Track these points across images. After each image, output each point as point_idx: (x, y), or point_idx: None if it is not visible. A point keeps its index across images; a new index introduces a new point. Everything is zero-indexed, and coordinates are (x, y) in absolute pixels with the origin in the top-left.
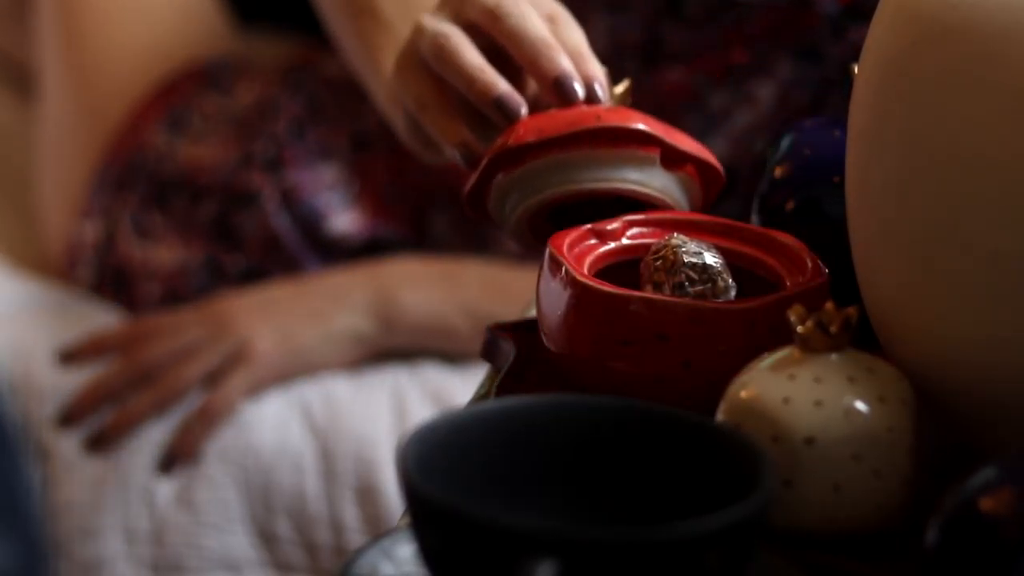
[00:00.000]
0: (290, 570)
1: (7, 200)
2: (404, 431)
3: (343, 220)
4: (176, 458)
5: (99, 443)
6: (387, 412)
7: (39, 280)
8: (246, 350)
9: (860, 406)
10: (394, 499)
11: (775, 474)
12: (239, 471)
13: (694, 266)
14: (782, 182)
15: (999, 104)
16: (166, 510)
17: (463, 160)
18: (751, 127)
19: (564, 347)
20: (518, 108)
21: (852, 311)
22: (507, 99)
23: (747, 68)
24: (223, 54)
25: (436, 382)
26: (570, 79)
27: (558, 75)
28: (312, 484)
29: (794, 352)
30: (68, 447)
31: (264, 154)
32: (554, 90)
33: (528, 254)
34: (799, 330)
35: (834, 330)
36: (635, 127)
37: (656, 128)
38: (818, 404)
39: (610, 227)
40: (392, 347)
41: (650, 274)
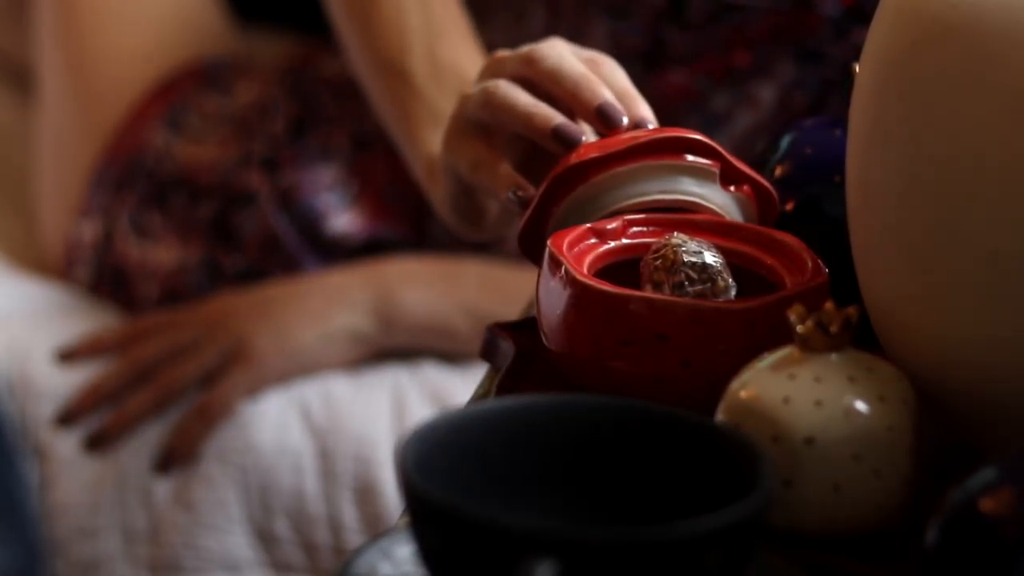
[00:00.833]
0: (289, 570)
1: (6, 200)
2: (403, 431)
3: (342, 220)
4: (174, 458)
5: (97, 443)
6: (386, 412)
7: (38, 280)
8: (245, 350)
9: (860, 406)
10: (393, 499)
11: (775, 474)
12: (238, 471)
13: (694, 265)
14: (782, 182)
15: (999, 104)
16: (164, 510)
17: (517, 203)
18: (752, 128)
19: (564, 347)
20: (578, 135)
21: (852, 311)
22: (566, 127)
23: (748, 70)
24: (222, 54)
25: (435, 382)
26: (613, 106)
27: (600, 104)
28: (311, 484)
29: (794, 352)
30: (66, 447)
31: (263, 154)
32: (598, 119)
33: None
34: (799, 330)
35: (834, 330)
36: (697, 137)
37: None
38: (818, 404)
39: (610, 227)
40: (391, 346)
41: (650, 273)
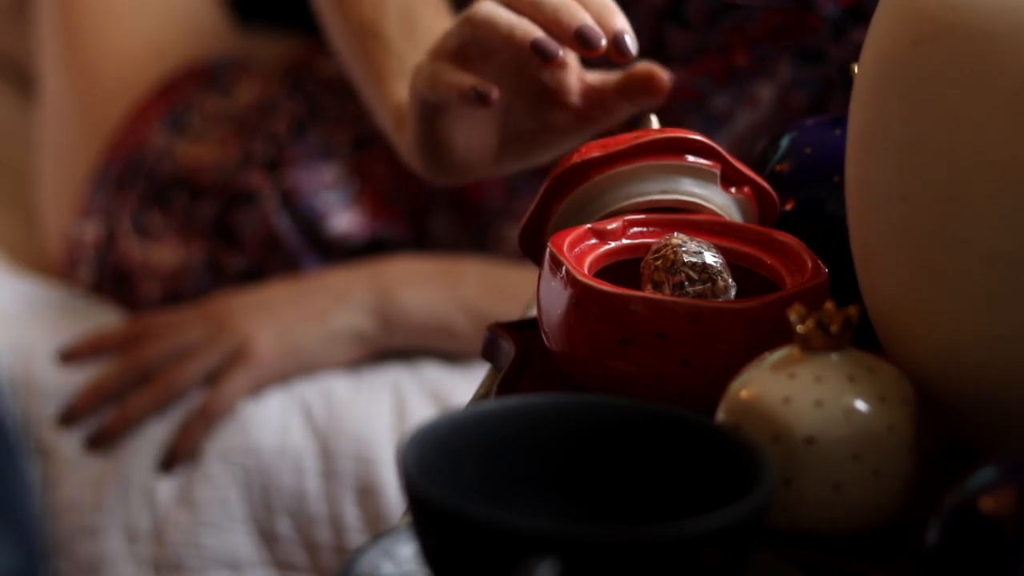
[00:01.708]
0: (291, 569)
1: (7, 199)
2: (404, 430)
3: (343, 220)
4: (176, 457)
5: (99, 442)
6: (387, 412)
7: (39, 279)
8: (246, 349)
9: (860, 405)
10: (394, 498)
11: (775, 473)
12: (240, 470)
13: (694, 265)
14: (782, 181)
15: (999, 104)
16: (167, 509)
17: (477, 98)
18: (752, 127)
19: (564, 346)
20: (555, 49)
21: (852, 310)
22: (544, 41)
23: (748, 69)
24: (223, 54)
25: (436, 381)
26: (591, 29)
27: (578, 27)
28: (312, 483)
29: (794, 351)
30: (68, 446)
31: (264, 154)
32: (577, 43)
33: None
34: (799, 329)
35: (834, 329)
36: (697, 138)
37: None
38: (818, 403)
39: (610, 227)
40: (392, 346)
41: (650, 273)
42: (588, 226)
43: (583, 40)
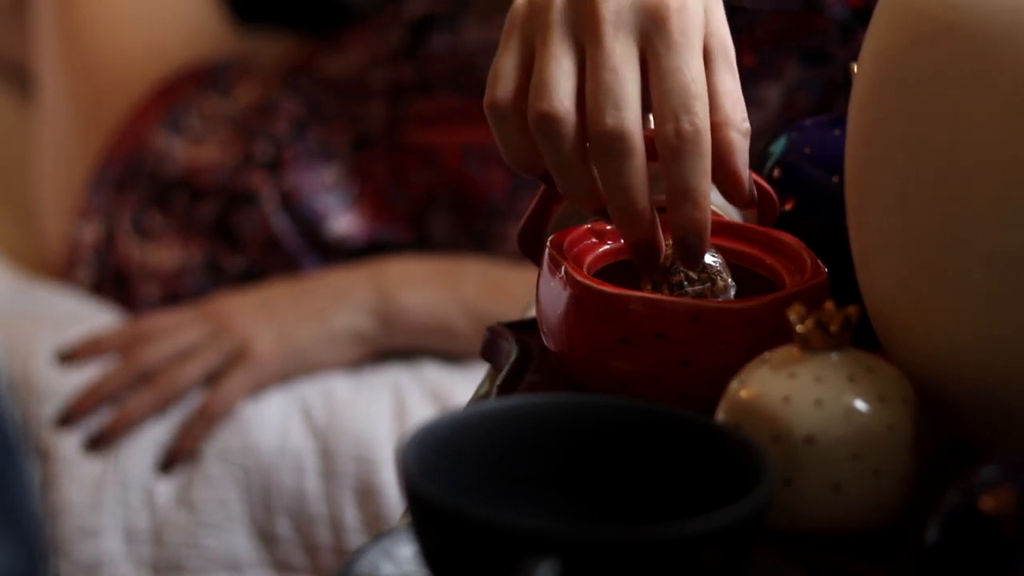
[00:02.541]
0: (290, 570)
1: (7, 200)
2: (404, 431)
3: (343, 221)
4: (176, 458)
5: (99, 443)
6: (387, 412)
7: (39, 280)
8: (246, 350)
9: (860, 405)
10: (394, 499)
11: (775, 473)
12: (239, 471)
13: None
14: (782, 181)
15: (999, 103)
16: (166, 510)
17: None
18: (757, 129)
19: (564, 346)
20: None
21: (852, 310)
22: (644, 246)
23: (755, 71)
24: (223, 55)
25: (436, 382)
26: (700, 242)
27: (682, 232)
28: (312, 484)
29: (794, 351)
30: (68, 447)
31: (264, 155)
32: (678, 246)
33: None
34: (799, 329)
35: (834, 329)
36: None
37: None
38: (818, 403)
39: (609, 227)
40: (392, 346)
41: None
42: (587, 226)
43: (685, 250)
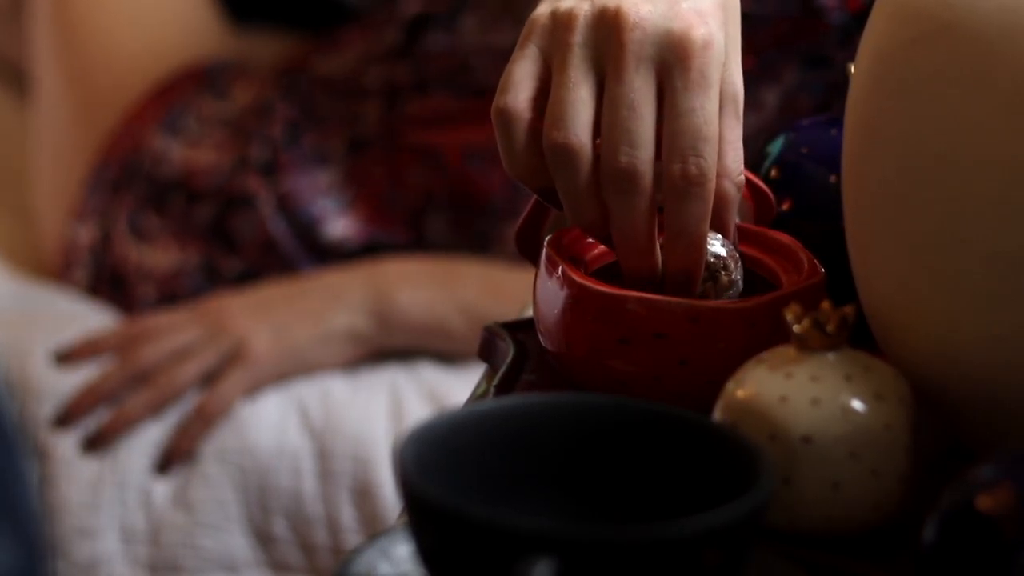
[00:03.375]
0: (287, 570)
1: (4, 201)
2: (401, 431)
3: (339, 224)
4: (173, 458)
5: (96, 443)
6: (384, 412)
7: (36, 281)
8: (243, 350)
9: (857, 404)
10: (391, 499)
11: (773, 473)
12: (236, 471)
13: None
14: (779, 181)
15: (996, 102)
16: (163, 510)
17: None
18: (756, 131)
19: (561, 346)
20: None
21: (849, 310)
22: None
23: (754, 74)
24: (219, 56)
25: (433, 382)
26: (694, 277)
27: (675, 270)
28: (309, 484)
29: (791, 351)
30: (65, 447)
31: (260, 158)
32: (672, 277)
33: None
34: (796, 329)
35: (831, 329)
36: None
37: None
38: (815, 402)
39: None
40: (389, 346)
41: None
42: None
43: (678, 283)
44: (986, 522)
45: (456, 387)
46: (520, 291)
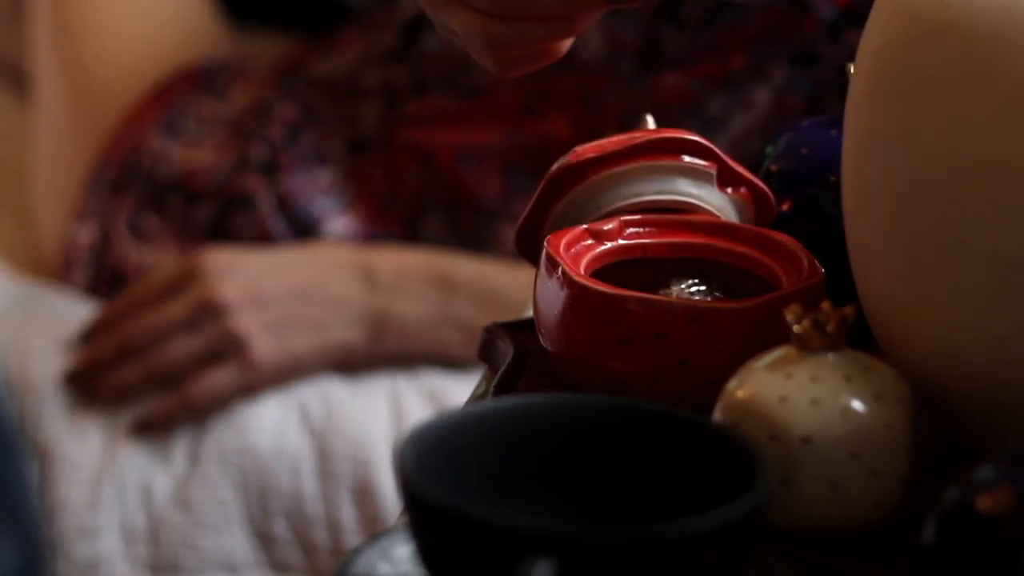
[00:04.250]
0: (287, 571)
1: (4, 202)
2: (401, 431)
3: (338, 224)
4: (144, 428)
5: (77, 381)
6: (384, 413)
7: (36, 281)
8: (243, 351)
9: (857, 405)
10: (391, 499)
11: (772, 473)
12: (236, 472)
13: None
14: (779, 182)
15: (996, 103)
16: (163, 510)
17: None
18: (748, 131)
19: (561, 346)
20: None
21: (849, 310)
22: None
23: (745, 72)
24: (219, 56)
25: (433, 383)
26: None
27: None
28: (309, 485)
29: (791, 351)
30: (65, 447)
31: (259, 158)
32: None
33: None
34: (796, 329)
35: (831, 329)
36: (693, 138)
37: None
38: (815, 403)
39: (606, 227)
40: (382, 357)
41: None
42: (584, 226)
43: None
44: (986, 522)
45: (456, 388)
46: (515, 301)
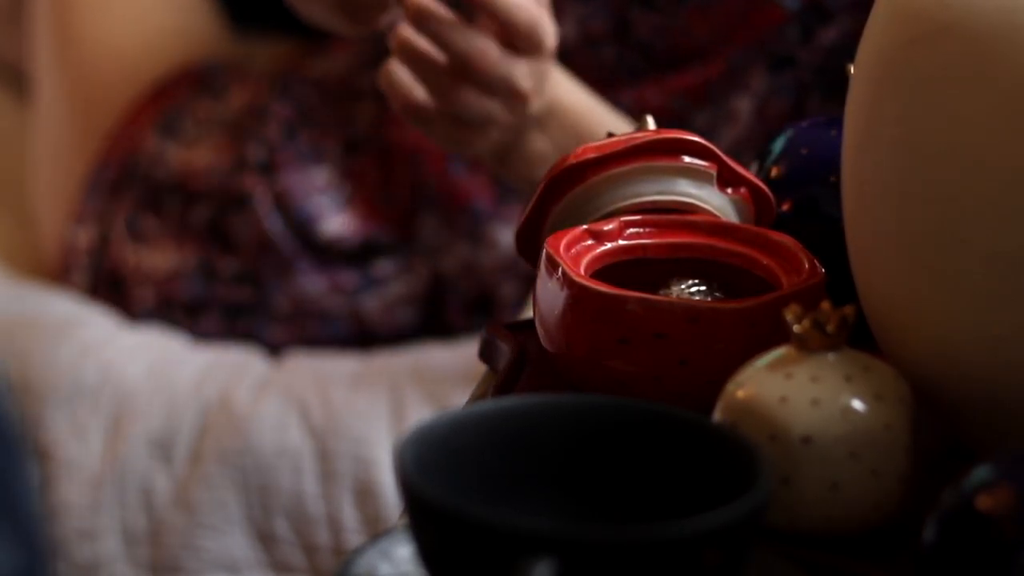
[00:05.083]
0: (288, 571)
1: (4, 204)
2: (402, 431)
3: (335, 223)
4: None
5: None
6: (385, 412)
7: (36, 284)
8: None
9: (857, 405)
10: (392, 499)
11: (772, 473)
12: (237, 472)
13: None
14: (779, 182)
15: (995, 102)
16: (164, 511)
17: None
18: (736, 143)
19: (561, 347)
20: None
21: (849, 310)
22: None
23: (723, 82)
24: (216, 57)
25: (434, 382)
26: None
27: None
28: (310, 485)
29: (791, 351)
30: (66, 448)
31: (256, 158)
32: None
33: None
34: (796, 329)
35: (831, 329)
36: (694, 139)
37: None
38: (815, 403)
39: (606, 228)
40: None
41: None
42: (584, 227)
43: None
44: (986, 522)
45: (457, 388)
46: None
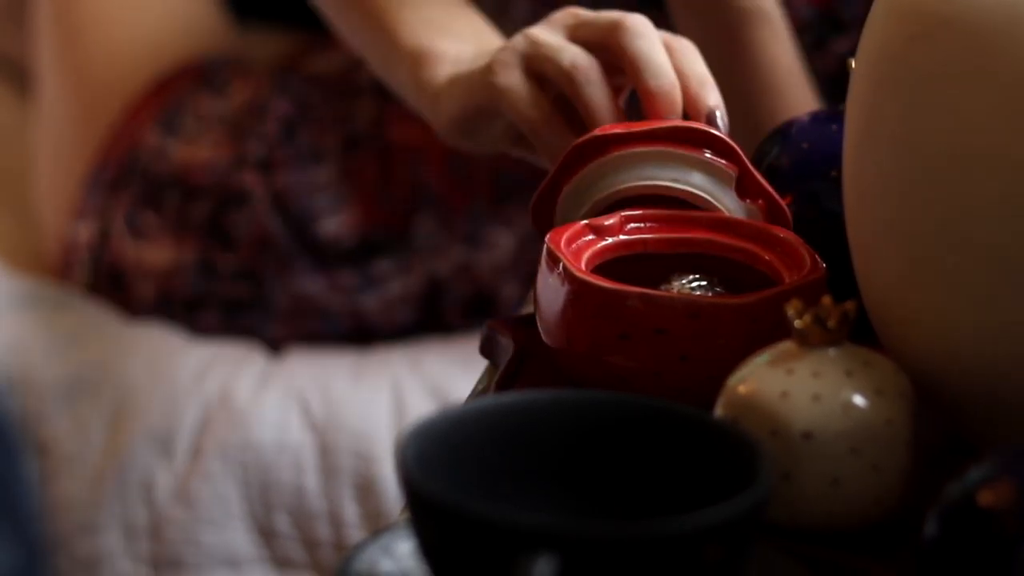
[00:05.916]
0: (289, 566)
1: (6, 200)
2: (403, 427)
3: (334, 221)
4: None
5: None
6: (386, 407)
7: (36, 279)
8: None
9: (858, 400)
10: (393, 494)
11: (773, 468)
12: (238, 467)
13: None
14: (780, 176)
15: (996, 99)
16: (165, 506)
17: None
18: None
19: (562, 342)
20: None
21: (850, 305)
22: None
23: None
24: (218, 53)
25: (435, 378)
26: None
27: (709, 111)
28: (311, 480)
29: (792, 346)
30: (66, 444)
31: (256, 155)
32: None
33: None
34: (797, 324)
35: (832, 324)
36: (719, 135)
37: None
38: (816, 398)
39: (607, 223)
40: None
41: None
42: (585, 222)
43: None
44: (987, 517)
45: (458, 383)
46: None
